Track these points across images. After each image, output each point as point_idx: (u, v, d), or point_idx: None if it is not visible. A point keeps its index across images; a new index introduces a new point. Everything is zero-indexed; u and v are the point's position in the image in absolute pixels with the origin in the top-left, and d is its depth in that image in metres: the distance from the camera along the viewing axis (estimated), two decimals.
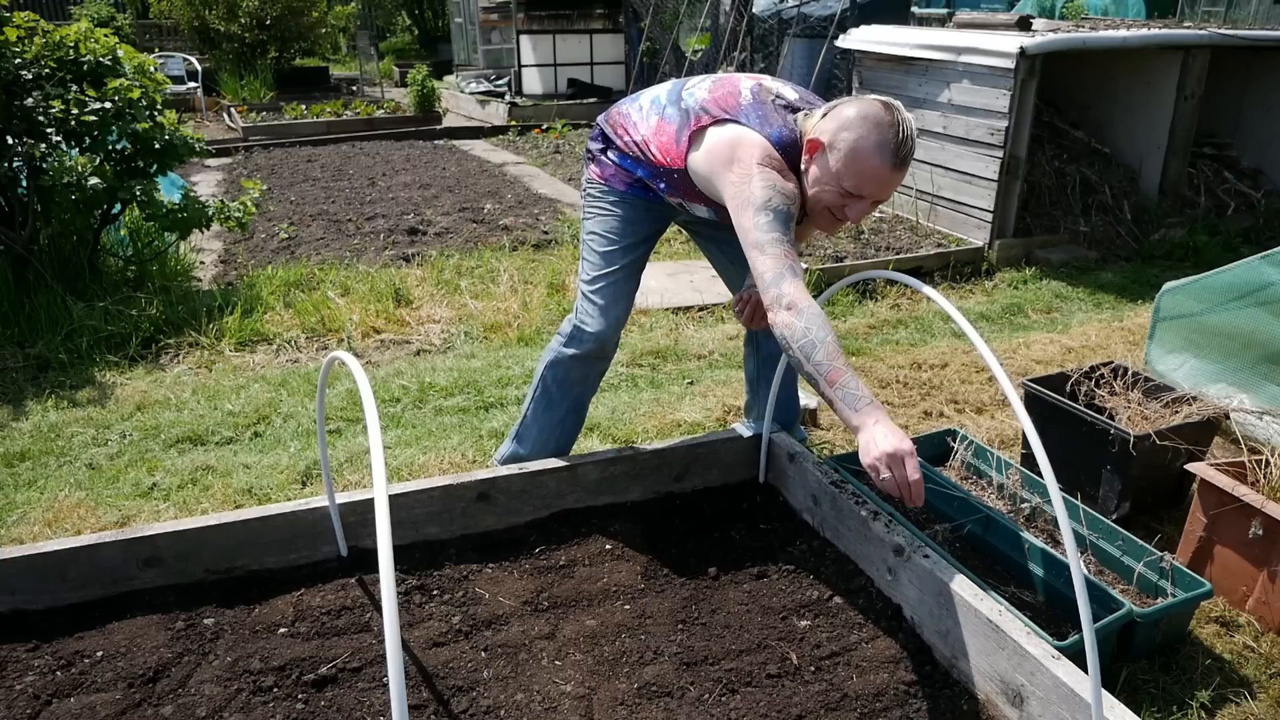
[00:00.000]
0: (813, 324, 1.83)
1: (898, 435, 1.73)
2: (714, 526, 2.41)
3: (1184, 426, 2.55)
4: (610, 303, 2.45)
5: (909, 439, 1.73)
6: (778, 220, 1.93)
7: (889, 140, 1.90)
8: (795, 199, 2.01)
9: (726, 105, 2.13)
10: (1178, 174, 5.53)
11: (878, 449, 1.71)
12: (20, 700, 1.76)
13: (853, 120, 1.93)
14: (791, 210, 1.98)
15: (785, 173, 2.03)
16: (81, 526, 2.63)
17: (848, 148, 1.92)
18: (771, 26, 8.24)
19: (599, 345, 2.48)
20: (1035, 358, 3.85)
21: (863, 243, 5.31)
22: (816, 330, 1.82)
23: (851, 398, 1.78)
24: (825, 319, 1.85)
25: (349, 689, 1.82)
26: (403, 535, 2.25)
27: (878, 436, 1.72)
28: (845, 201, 1.99)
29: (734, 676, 1.86)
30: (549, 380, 2.56)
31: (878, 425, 1.75)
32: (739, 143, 2.04)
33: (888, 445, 1.70)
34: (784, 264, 1.89)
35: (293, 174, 7.92)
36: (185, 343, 4.02)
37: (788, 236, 1.94)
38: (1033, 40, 4.87)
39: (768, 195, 1.95)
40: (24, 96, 4.03)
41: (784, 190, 1.98)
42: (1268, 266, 2.88)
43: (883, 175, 1.93)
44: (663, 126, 2.23)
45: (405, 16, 23.56)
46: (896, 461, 1.70)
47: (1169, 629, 2.13)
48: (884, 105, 1.93)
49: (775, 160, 2.02)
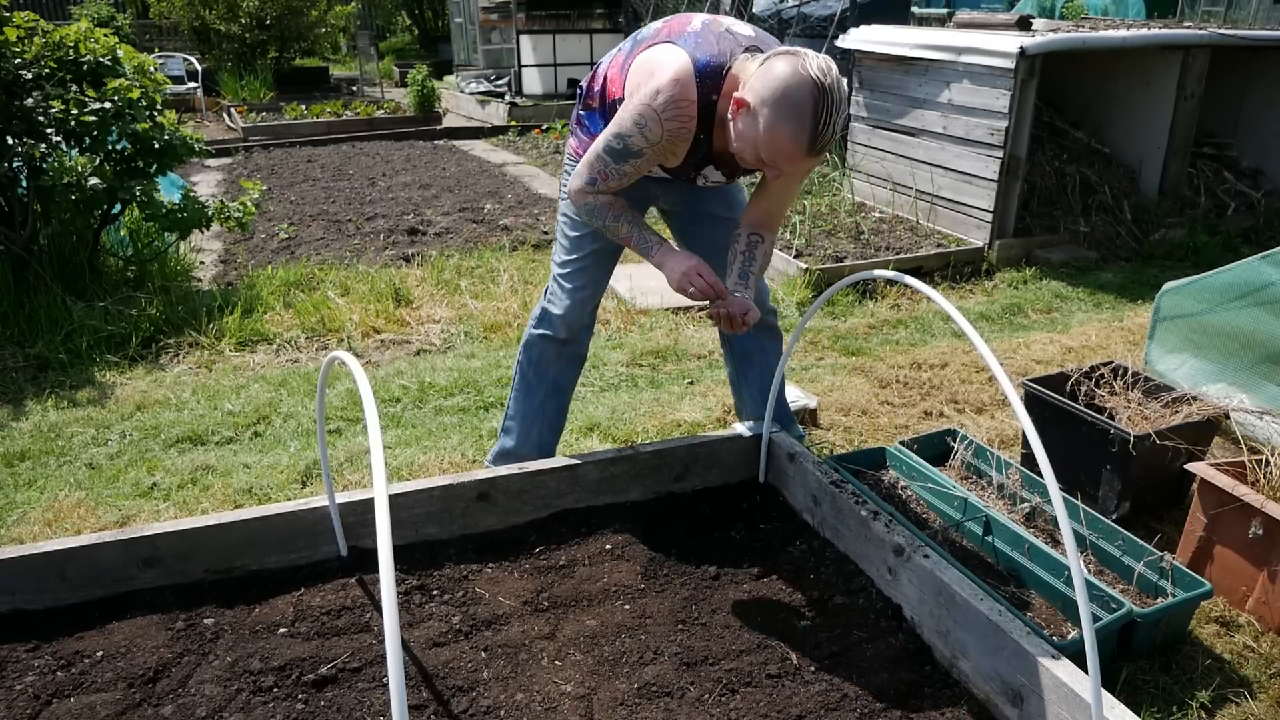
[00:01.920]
0: (593, 214, 2.22)
1: (684, 258, 2.13)
2: (714, 526, 2.40)
3: (1184, 426, 2.55)
4: (577, 286, 2.49)
5: (695, 257, 2.14)
6: (620, 151, 2.11)
7: (806, 129, 1.85)
8: (661, 139, 2.07)
9: (672, 29, 2.15)
10: (1178, 174, 5.53)
11: (677, 277, 2.12)
12: (20, 700, 1.76)
13: (777, 96, 1.85)
14: (643, 150, 2.09)
15: (686, 105, 2.03)
16: (81, 526, 2.63)
17: (766, 124, 1.87)
18: (771, 26, 8.24)
19: (566, 328, 2.53)
20: (1035, 358, 3.85)
21: (863, 243, 5.31)
22: (597, 219, 2.22)
23: (644, 249, 2.19)
24: (604, 206, 2.20)
25: (349, 689, 1.82)
26: (403, 535, 2.25)
27: (669, 267, 2.14)
28: (761, 166, 1.99)
29: (734, 676, 1.86)
30: (524, 364, 2.63)
31: (670, 258, 2.15)
32: (662, 63, 2.06)
33: (681, 267, 2.11)
34: (591, 175, 2.18)
35: (293, 174, 7.92)
36: (185, 343, 4.02)
37: (616, 165, 2.14)
38: (1033, 40, 4.87)
39: (628, 130, 2.09)
40: (24, 96, 4.03)
41: (649, 132, 2.06)
42: (1268, 266, 2.88)
43: (796, 158, 1.91)
44: (617, 59, 2.27)
45: (405, 16, 23.57)
46: (692, 275, 2.10)
47: (1169, 629, 2.13)
48: (814, 85, 1.83)
49: (686, 88, 2.01)
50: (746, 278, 2.23)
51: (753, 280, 2.24)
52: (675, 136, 2.07)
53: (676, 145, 2.11)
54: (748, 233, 2.27)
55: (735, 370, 2.81)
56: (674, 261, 2.14)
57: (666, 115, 2.03)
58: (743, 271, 2.24)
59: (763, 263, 2.28)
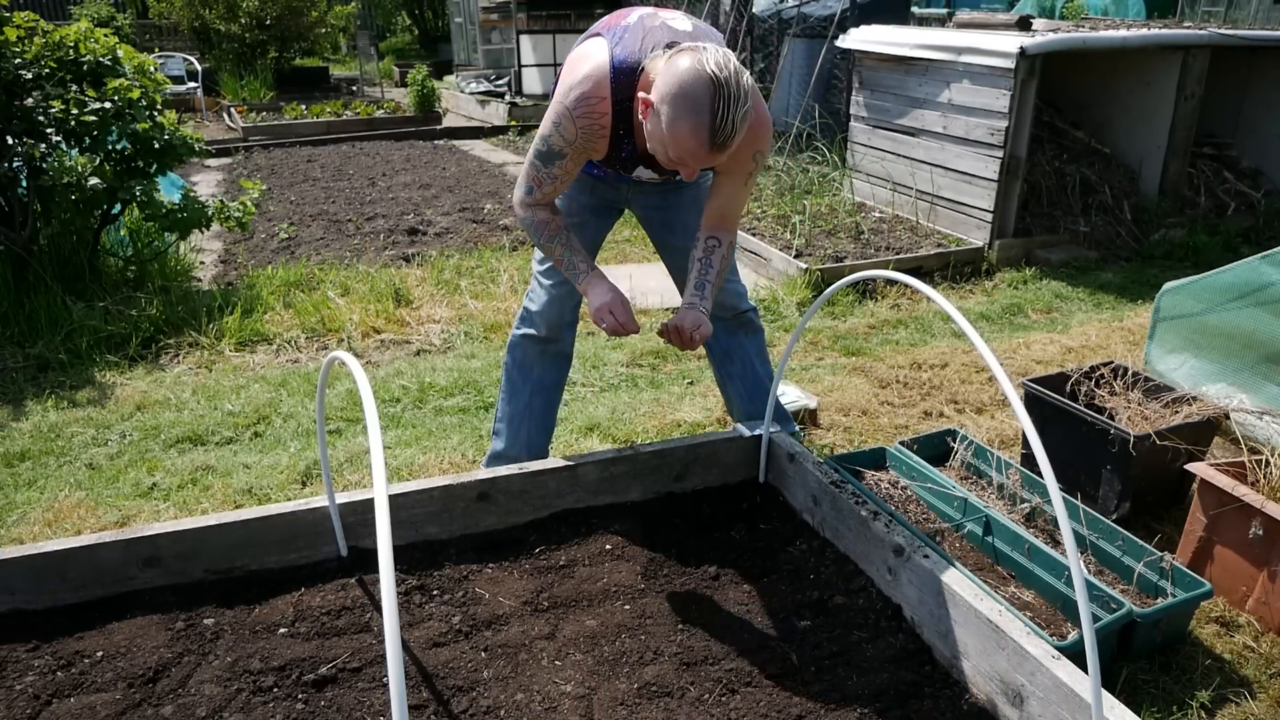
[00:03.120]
0: (530, 229, 2.24)
1: (605, 291, 2.14)
2: (714, 526, 2.40)
3: (1184, 426, 2.55)
4: (557, 282, 2.51)
5: (616, 290, 2.15)
6: (546, 154, 2.14)
7: (704, 124, 1.82)
8: (576, 138, 2.09)
9: (609, 23, 2.15)
10: (1178, 174, 5.53)
11: (594, 309, 2.13)
12: (20, 700, 1.76)
13: (674, 93, 1.83)
14: (563, 150, 2.11)
15: (597, 102, 2.04)
16: (81, 526, 2.63)
17: (667, 122, 1.85)
18: (771, 26, 8.24)
19: (547, 325, 2.55)
20: (1035, 358, 3.84)
21: (863, 243, 5.31)
22: (534, 235, 2.24)
23: (572, 275, 2.21)
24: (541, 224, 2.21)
25: (349, 689, 1.82)
26: (403, 535, 2.25)
27: (591, 296, 2.15)
28: (674, 165, 1.96)
29: (734, 676, 1.86)
30: (509, 366, 2.65)
31: (594, 288, 2.16)
32: (581, 59, 2.08)
33: (598, 300, 2.13)
34: (528, 183, 2.20)
35: (293, 174, 7.93)
36: (185, 343, 4.02)
37: (546, 168, 2.16)
38: (1033, 40, 4.87)
39: (548, 130, 2.11)
40: (24, 96, 4.03)
41: (564, 131, 2.09)
42: (1268, 266, 2.88)
43: (699, 154, 1.88)
44: None
45: (405, 16, 23.56)
46: (604, 312, 2.12)
47: (1169, 629, 2.13)
48: (709, 80, 1.80)
49: (597, 85, 2.02)
50: (703, 288, 2.21)
51: (710, 290, 2.21)
52: (590, 134, 2.07)
53: (594, 143, 2.11)
54: (705, 236, 2.26)
55: (717, 370, 2.82)
56: (595, 293, 2.15)
57: (578, 113, 2.04)
58: (699, 282, 2.21)
59: (721, 268, 2.25)
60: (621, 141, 2.13)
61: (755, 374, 2.75)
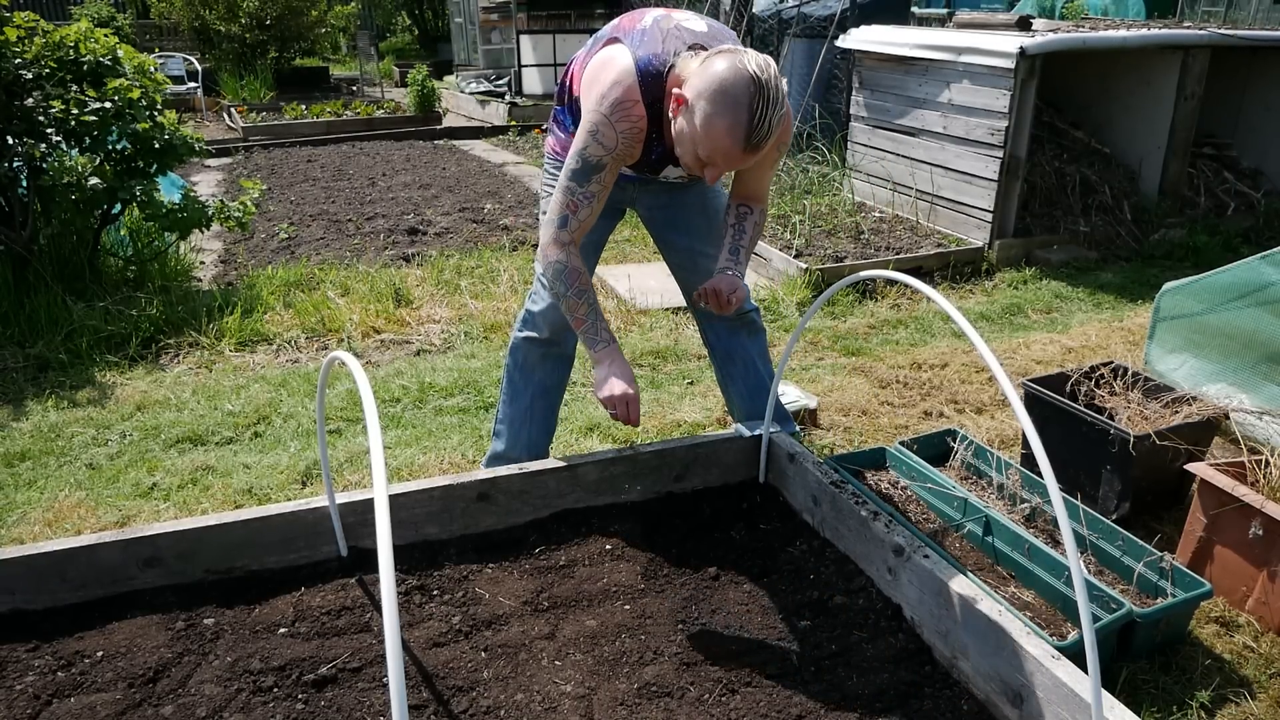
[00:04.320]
0: (558, 278, 2.12)
1: (626, 380, 2.10)
2: (714, 526, 2.40)
3: (1184, 426, 2.55)
4: None
5: (634, 382, 2.11)
6: (582, 170, 2.07)
7: (742, 123, 1.84)
8: (617, 144, 2.05)
9: (623, 27, 2.14)
10: (1178, 174, 5.53)
11: (607, 391, 2.09)
12: (20, 700, 1.76)
13: (713, 90, 1.85)
14: (603, 161, 2.06)
15: (632, 105, 2.03)
16: (81, 526, 2.63)
17: (702, 119, 1.87)
18: (771, 26, 8.23)
19: (549, 327, 2.53)
20: (1035, 358, 3.85)
21: (863, 243, 5.31)
22: (559, 285, 2.12)
23: (590, 340, 2.15)
24: (572, 273, 2.11)
25: (349, 689, 1.82)
26: (403, 535, 2.25)
27: (611, 380, 2.10)
28: (700, 167, 1.98)
29: (734, 676, 1.86)
30: (511, 369, 2.64)
31: (611, 367, 2.11)
32: (605, 64, 2.07)
33: (617, 389, 2.09)
34: (561, 212, 2.10)
35: (293, 174, 7.93)
36: (185, 343, 4.02)
37: (583, 187, 2.08)
38: (1033, 40, 4.87)
39: (585, 142, 2.06)
40: (24, 96, 4.03)
41: (604, 139, 2.04)
42: (1268, 266, 2.88)
43: (734, 155, 1.90)
44: (582, 56, 2.28)
45: (405, 16, 23.58)
46: (618, 401, 2.09)
47: (1169, 629, 2.13)
48: (750, 80, 1.82)
49: (629, 90, 2.02)
50: (737, 253, 2.24)
51: (744, 254, 2.24)
52: (630, 139, 2.07)
53: (633, 148, 2.11)
54: (736, 204, 2.30)
55: (719, 371, 2.81)
56: (614, 372, 2.11)
57: (616, 118, 2.04)
58: (733, 247, 2.25)
59: (753, 235, 2.29)
60: (653, 144, 2.13)
61: (757, 374, 2.75)
